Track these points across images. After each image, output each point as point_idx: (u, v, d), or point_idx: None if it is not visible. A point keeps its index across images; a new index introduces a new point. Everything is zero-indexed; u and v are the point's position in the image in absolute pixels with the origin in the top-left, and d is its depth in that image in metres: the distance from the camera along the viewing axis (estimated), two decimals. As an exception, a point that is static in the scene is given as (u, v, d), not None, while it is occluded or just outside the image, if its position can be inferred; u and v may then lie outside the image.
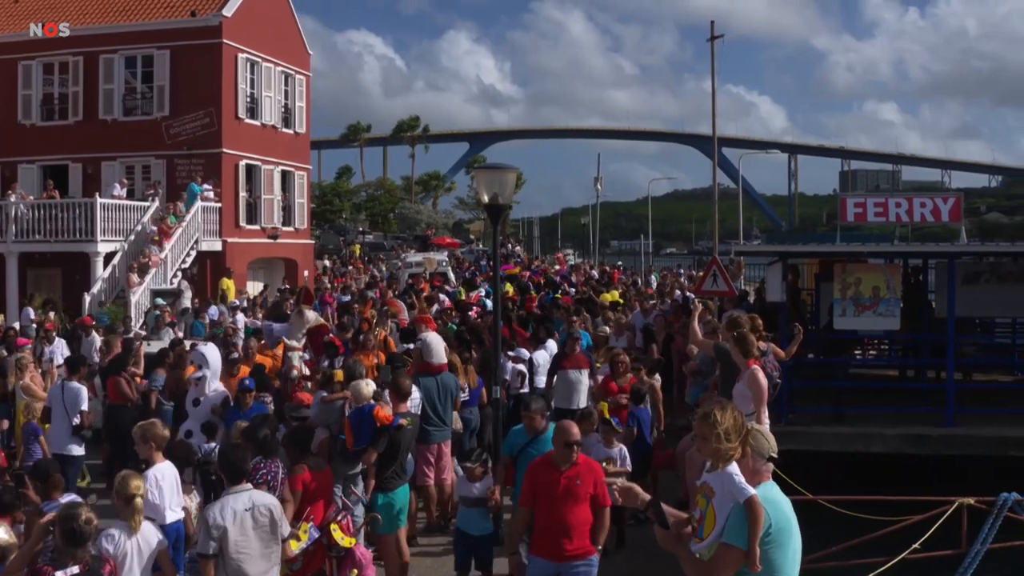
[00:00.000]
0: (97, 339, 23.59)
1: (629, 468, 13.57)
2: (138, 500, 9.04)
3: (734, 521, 6.26)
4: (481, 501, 12.25)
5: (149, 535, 9.14)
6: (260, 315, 27.50)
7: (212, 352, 15.23)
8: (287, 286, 38.40)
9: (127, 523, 8.97)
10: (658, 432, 16.68)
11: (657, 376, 18.62)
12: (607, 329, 23.26)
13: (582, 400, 17.67)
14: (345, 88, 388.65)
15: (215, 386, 15.03)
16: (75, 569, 7.76)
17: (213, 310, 29.53)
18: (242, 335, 22.65)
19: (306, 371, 18.15)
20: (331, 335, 19.29)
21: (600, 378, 17.78)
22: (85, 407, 15.44)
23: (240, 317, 27.60)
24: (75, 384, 15.50)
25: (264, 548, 9.26)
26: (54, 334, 24.32)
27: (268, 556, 9.29)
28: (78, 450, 15.44)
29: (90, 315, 29.02)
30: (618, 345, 20.68)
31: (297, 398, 15.49)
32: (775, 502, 6.37)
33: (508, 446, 12.14)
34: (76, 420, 15.33)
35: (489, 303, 27.64)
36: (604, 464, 12.40)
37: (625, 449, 13.93)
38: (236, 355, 17.61)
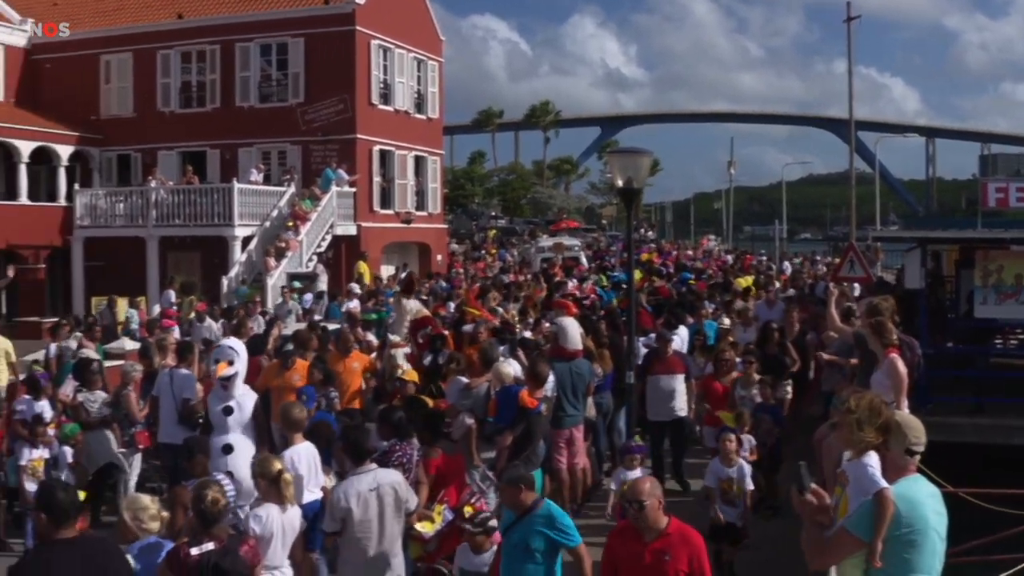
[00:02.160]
0: (214, 325, 23.80)
1: (751, 486, 12.51)
2: (286, 475, 9.17)
3: (861, 511, 6.16)
4: None
5: (293, 516, 9.27)
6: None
7: (241, 347, 13.18)
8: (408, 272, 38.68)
9: (280, 500, 9.11)
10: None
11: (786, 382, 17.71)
12: (728, 321, 21.92)
13: (678, 410, 16.25)
14: (470, 73, 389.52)
15: (241, 388, 12.76)
16: (210, 546, 7.86)
17: (354, 303, 27.77)
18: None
19: (408, 366, 16.93)
20: (435, 327, 18.24)
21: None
22: (191, 395, 14.61)
23: (354, 304, 26.99)
24: (183, 371, 14.96)
25: (388, 526, 9.39)
26: (205, 315, 24.55)
27: (392, 533, 9.40)
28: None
29: (208, 300, 29.23)
30: (745, 338, 19.66)
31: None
32: (912, 500, 6.19)
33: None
34: (183, 406, 14.54)
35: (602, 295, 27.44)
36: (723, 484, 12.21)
37: (747, 466, 12.61)
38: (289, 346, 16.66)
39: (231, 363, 12.22)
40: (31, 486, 14.05)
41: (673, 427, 16.23)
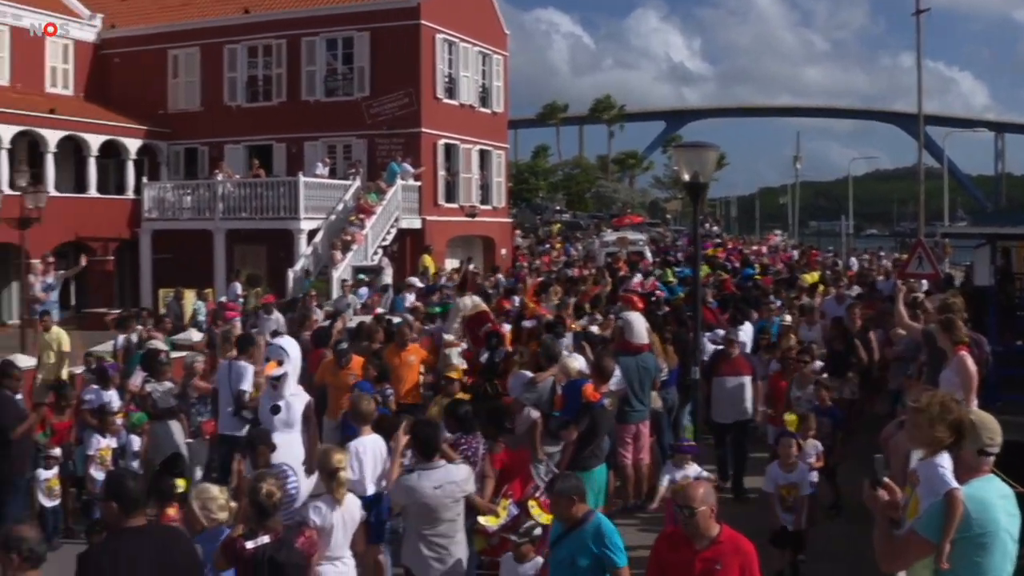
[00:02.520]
0: (281, 318, 23.91)
1: (809, 491, 12.15)
2: (341, 474, 9.20)
3: (931, 512, 6.07)
4: None
5: (352, 507, 9.30)
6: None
7: (293, 346, 13.00)
8: (471, 266, 38.71)
9: (332, 496, 9.15)
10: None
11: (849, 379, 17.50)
12: (789, 318, 21.14)
13: (743, 413, 16.00)
14: (534, 67, 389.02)
15: (293, 388, 12.63)
16: (265, 539, 7.89)
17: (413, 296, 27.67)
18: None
19: (463, 364, 16.89)
20: (492, 323, 18.11)
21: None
22: (247, 387, 14.35)
23: (409, 297, 27.03)
24: (242, 363, 14.58)
25: (452, 520, 9.46)
26: (272, 306, 24.67)
27: (455, 527, 9.46)
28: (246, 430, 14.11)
29: (275, 293, 29.37)
30: (809, 336, 19.33)
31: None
32: (983, 501, 6.08)
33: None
34: (238, 398, 14.34)
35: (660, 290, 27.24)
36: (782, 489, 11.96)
37: (807, 472, 12.27)
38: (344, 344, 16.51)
39: (280, 363, 12.23)
40: (99, 475, 14.22)
41: (737, 430, 16.01)
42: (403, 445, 10.48)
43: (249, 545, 7.82)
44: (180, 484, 9.05)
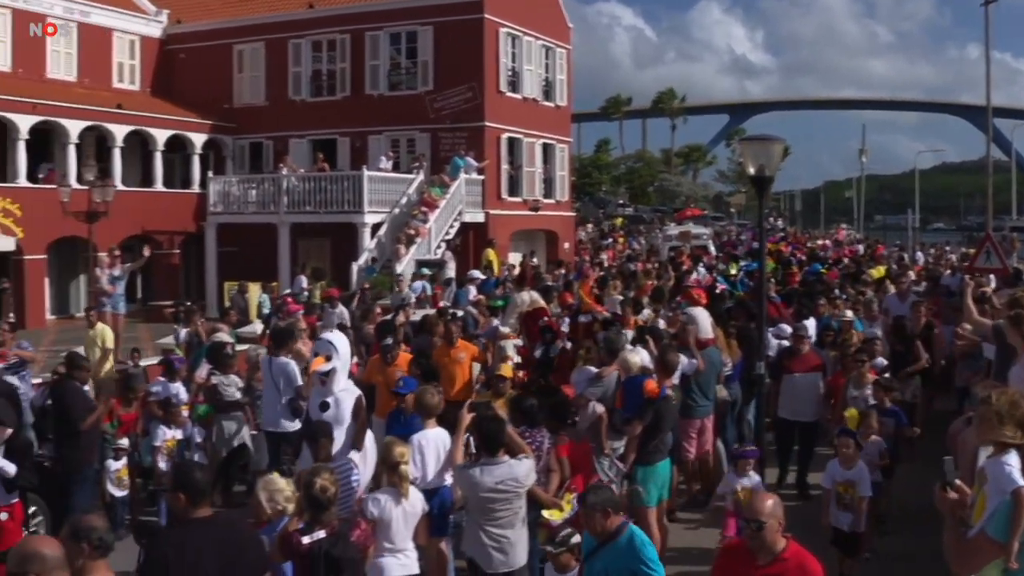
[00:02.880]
0: (345, 312, 24.00)
1: (868, 492, 11.71)
2: (403, 467, 9.23)
3: (999, 512, 5.99)
4: None
5: (415, 500, 9.33)
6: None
7: (342, 341, 12.70)
8: (534, 260, 38.65)
9: (395, 489, 9.18)
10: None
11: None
12: (850, 314, 19.97)
13: (810, 412, 15.63)
14: (596, 60, 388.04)
15: (343, 384, 12.40)
16: (321, 533, 7.92)
17: (472, 290, 27.33)
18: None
19: (517, 357, 16.81)
20: (549, 319, 17.87)
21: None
22: (300, 381, 14.36)
23: (471, 290, 26.80)
24: (282, 359, 14.56)
25: (513, 514, 9.46)
26: (337, 300, 24.76)
27: (516, 521, 9.43)
28: (291, 425, 14.32)
29: (339, 286, 29.45)
30: (870, 333, 18.70)
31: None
32: None
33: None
34: (289, 396, 14.36)
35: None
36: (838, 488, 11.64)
37: (866, 469, 11.83)
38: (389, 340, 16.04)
39: (328, 358, 12.00)
40: (165, 466, 14.35)
41: (804, 429, 15.72)
42: (465, 426, 10.40)
43: (305, 540, 7.87)
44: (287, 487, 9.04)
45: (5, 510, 10.80)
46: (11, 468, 10.96)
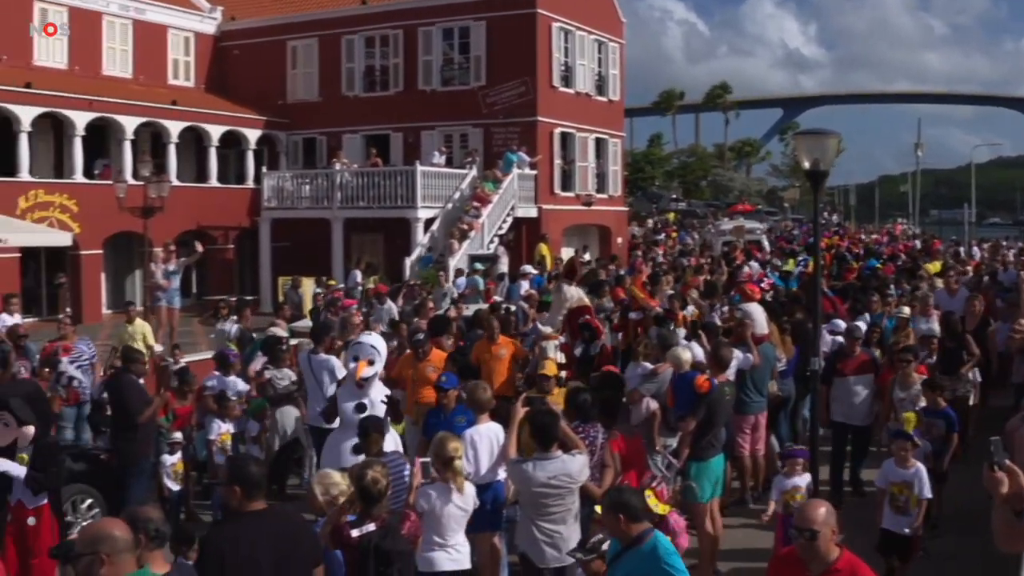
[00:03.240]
0: (394, 307, 24.03)
1: (928, 494, 11.41)
2: (456, 462, 9.22)
3: None
4: None
5: (467, 495, 9.33)
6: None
7: (382, 343, 12.34)
8: (586, 255, 38.54)
9: (448, 484, 9.18)
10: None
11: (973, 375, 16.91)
12: (907, 310, 19.14)
13: (863, 415, 15.18)
14: (648, 54, 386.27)
15: (377, 386, 12.15)
16: (371, 526, 7.93)
17: (527, 284, 27.11)
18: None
19: (562, 358, 16.35)
20: (588, 317, 17.42)
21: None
22: (341, 377, 13.97)
23: (524, 285, 26.71)
24: (322, 356, 14.44)
25: (564, 509, 9.45)
26: (385, 296, 24.83)
27: (568, 516, 9.41)
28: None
29: (391, 282, 29.42)
30: (925, 328, 18.38)
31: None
32: None
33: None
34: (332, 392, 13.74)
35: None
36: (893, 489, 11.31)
37: (924, 470, 11.48)
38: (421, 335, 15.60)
39: (371, 362, 11.75)
40: (220, 460, 14.44)
41: (857, 432, 15.31)
42: (519, 418, 10.35)
43: (355, 533, 7.90)
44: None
45: (32, 513, 10.59)
46: (19, 470, 10.77)
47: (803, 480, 11.49)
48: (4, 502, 10.81)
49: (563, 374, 15.50)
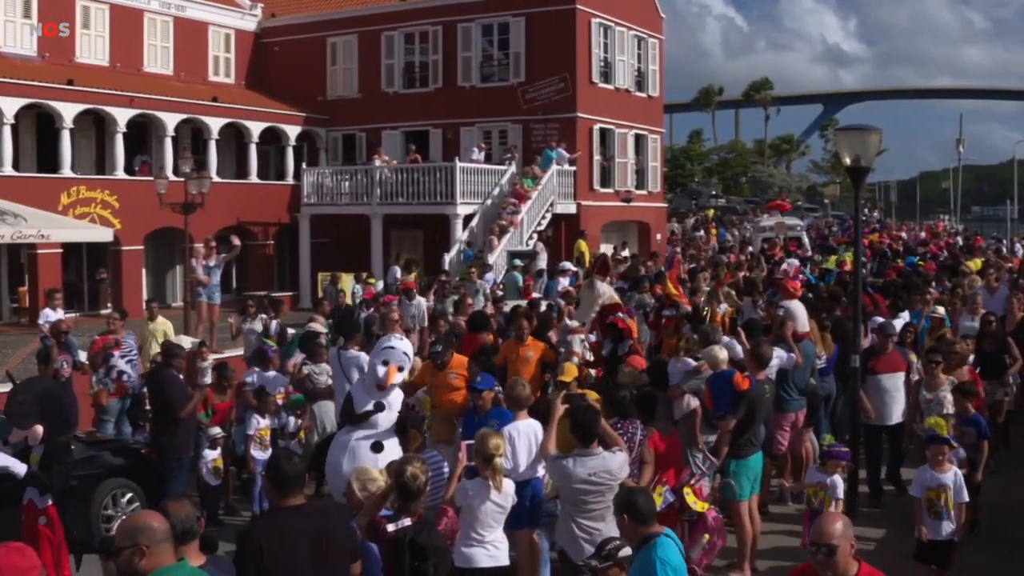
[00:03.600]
0: (423, 303, 24.03)
1: (966, 498, 11.16)
2: (497, 460, 9.22)
3: None
4: None
5: (507, 491, 9.33)
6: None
7: (411, 349, 12.09)
8: (626, 251, 38.42)
9: (485, 480, 9.18)
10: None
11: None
12: (941, 310, 18.77)
13: (897, 414, 14.99)
14: (686, 50, 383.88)
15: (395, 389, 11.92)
16: (407, 521, 7.95)
17: (566, 280, 26.80)
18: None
19: (589, 356, 16.15)
20: (616, 316, 16.83)
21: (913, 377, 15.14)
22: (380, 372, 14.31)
23: (563, 281, 26.35)
24: (352, 352, 14.49)
25: (603, 507, 9.39)
26: (414, 292, 24.91)
27: (606, 513, 9.38)
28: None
29: (414, 279, 29.37)
30: (972, 326, 18.12)
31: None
32: None
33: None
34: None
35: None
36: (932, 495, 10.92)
37: (960, 474, 11.21)
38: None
39: (401, 369, 11.54)
40: (258, 454, 14.53)
41: (892, 432, 15.19)
42: (559, 414, 10.33)
43: (390, 528, 7.91)
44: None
45: (43, 513, 10.60)
46: (20, 468, 10.76)
47: (836, 480, 11.23)
48: (19, 501, 10.82)
49: (592, 372, 15.48)
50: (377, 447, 10.77)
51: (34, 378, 14.31)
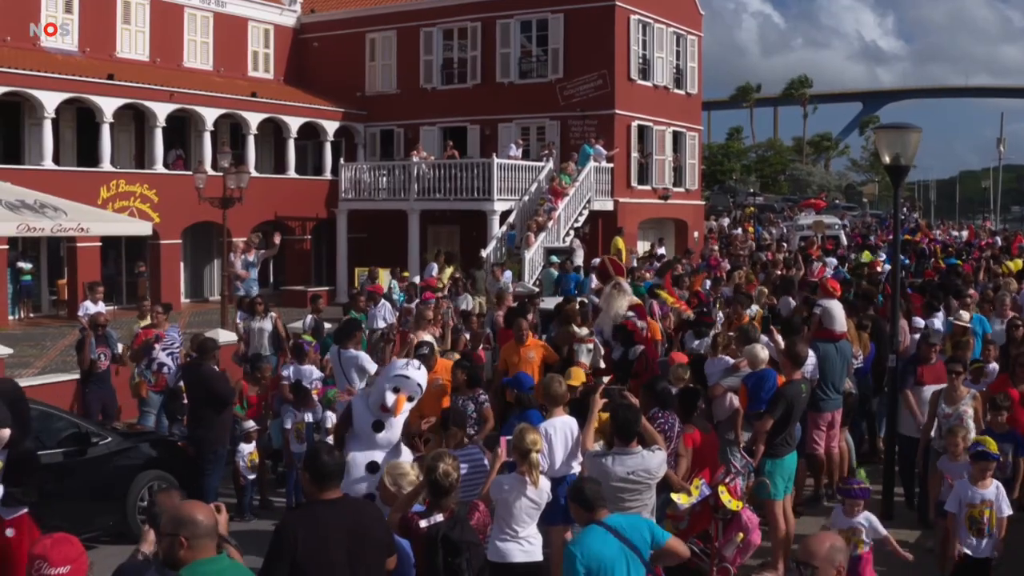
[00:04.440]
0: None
1: (1009, 511, 10.67)
2: (533, 456, 9.21)
3: None
4: None
5: (542, 488, 9.32)
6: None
7: (423, 379, 11.32)
8: (661, 249, 38.37)
9: (521, 475, 9.17)
10: None
11: None
12: (966, 316, 17.36)
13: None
14: (722, 47, 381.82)
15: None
16: (439, 517, 7.98)
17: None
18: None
19: (600, 363, 15.86)
20: (628, 319, 16.51)
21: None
22: (373, 371, 14.14)
23: (594, 279, 25.92)
24: (351, 351, 14.46)
25: (639, 506, 9.37)
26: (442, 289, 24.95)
27: (642, 512, 9.34)
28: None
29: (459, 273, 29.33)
30: (1000, 331, 17.52)
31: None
32: None
33: None
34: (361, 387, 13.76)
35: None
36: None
37: (1002, 488, 10.69)
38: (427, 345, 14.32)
39: (411, 399, 11.04)
40: (295, 448, 14.59)
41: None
42: (598, 408, 10.34)
43: (423, 524, 7.93)
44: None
45: (9, 524, 9.79)
46: None
47: (864, 520, 10.49)
48: None
49: (604, 379, 15.28)
50: (373, 467, 10.62)
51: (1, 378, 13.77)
